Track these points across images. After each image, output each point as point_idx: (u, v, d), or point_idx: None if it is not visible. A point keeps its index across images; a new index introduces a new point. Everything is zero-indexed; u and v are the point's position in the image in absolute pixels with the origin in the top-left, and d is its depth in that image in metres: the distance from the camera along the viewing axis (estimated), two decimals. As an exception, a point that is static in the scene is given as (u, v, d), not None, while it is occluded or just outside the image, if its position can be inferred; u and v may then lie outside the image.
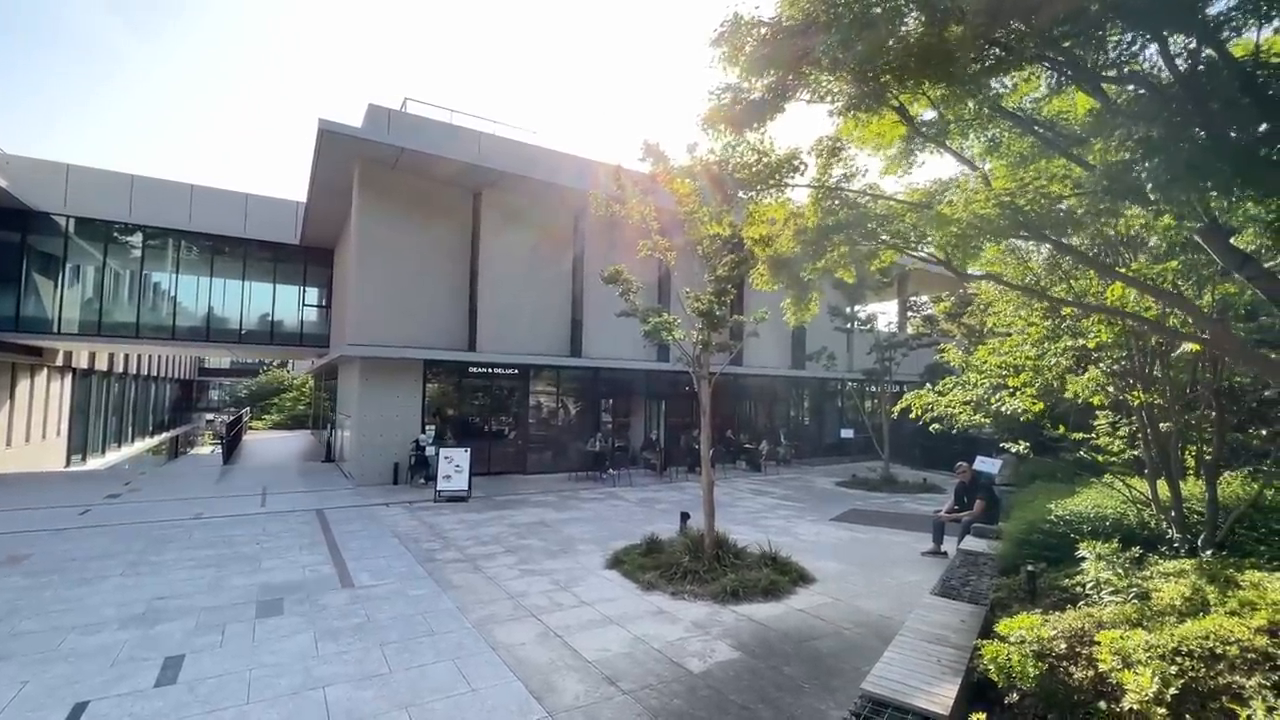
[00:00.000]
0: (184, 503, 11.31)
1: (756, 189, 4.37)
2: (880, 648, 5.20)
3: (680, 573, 6.92)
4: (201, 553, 7.85)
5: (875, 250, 4.51)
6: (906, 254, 4.60)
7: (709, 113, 3.87)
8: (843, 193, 4.41)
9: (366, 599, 6.22)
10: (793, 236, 4.66)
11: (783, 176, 4.30)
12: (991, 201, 3.13)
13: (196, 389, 49.01)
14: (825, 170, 4.46)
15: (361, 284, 13.62)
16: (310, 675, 4.52)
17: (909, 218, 4.20)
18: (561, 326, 16.42)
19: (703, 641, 5.27)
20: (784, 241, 4.77)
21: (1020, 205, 3.11)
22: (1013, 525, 6.34)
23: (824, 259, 4.53)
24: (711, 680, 4.54)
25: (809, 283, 5.23)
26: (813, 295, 5.61)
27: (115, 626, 5.38)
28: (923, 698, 3.33)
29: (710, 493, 7.64)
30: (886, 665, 3.76)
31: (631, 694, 4.32)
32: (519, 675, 4.58)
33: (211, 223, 19.19)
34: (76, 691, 4.22)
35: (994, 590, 5.34)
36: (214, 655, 4.84)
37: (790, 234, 4.70)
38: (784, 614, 6.00)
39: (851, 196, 4.41)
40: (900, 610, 6.17)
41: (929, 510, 12.09)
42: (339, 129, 12.20)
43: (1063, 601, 4.73)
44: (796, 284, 5.21)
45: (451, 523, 9.93)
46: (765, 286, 5.43)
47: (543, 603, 6.22)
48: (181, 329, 19.36)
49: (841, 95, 3.16)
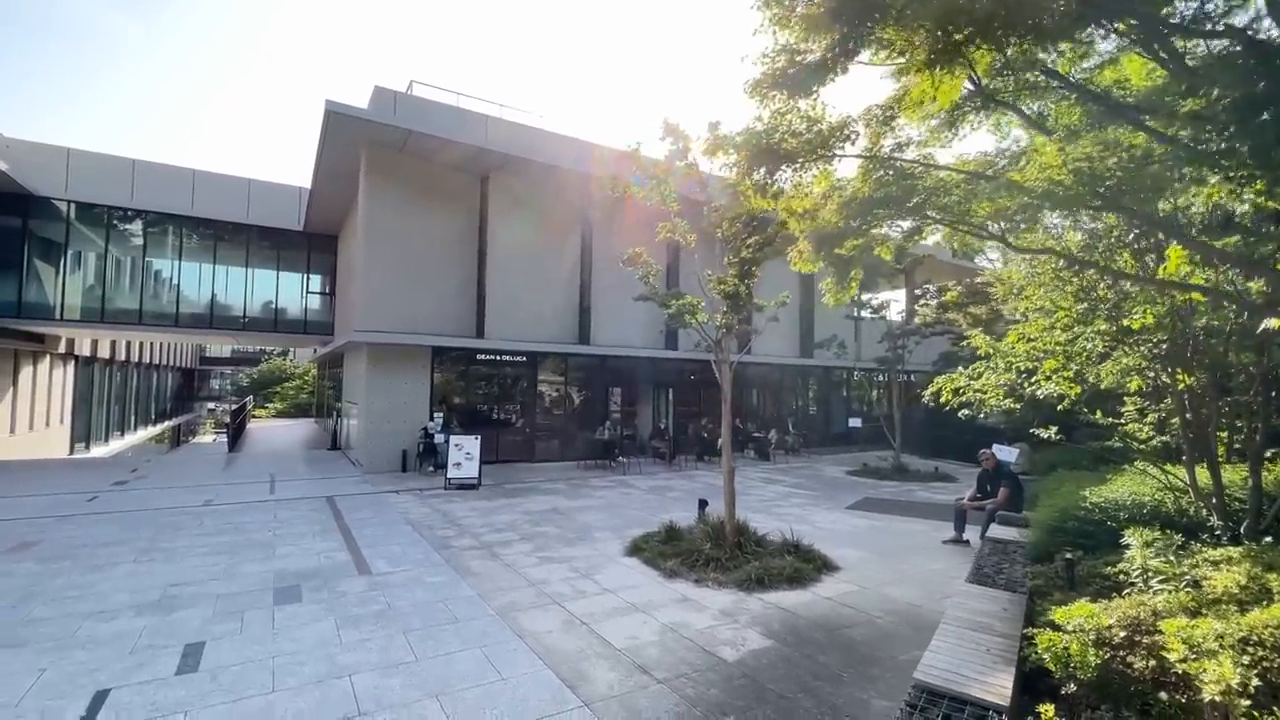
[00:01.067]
0: (192, 490, 11.20)
1: (802, 161, 4.18)
2: (914, 636, 5.12)
3: (702, 560, 6.81)
4: (214, 539, 7.74)
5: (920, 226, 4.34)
6: (955, 228, 4.44)
7: (760, 77, 3.67)
8: (896, 162, 4.23)
9: (385, 586, 6.10)
10: (837, 210, 4.49)
11: (833, 146, 4.12)
12: (1067, 168, 2.96)
13: (198, 378, 48.88)
14: (877, 140, 4.27)
15: (368, 270, 13.44)
16: (335, 663, 4.40)
17: (958, 190, 4.04)
18: (570, 314, 16.25)
19: (733, 630, 5.16)
20: (828, 214, 4.60)
21: (1099, 172, 2.94)
22: (1043, 513, 6.22)
23: (868, 234, 4.36)
24: (746, 669, 4.43)
25: (851, 259, 5.06)
26: (855, 273, 5.44)
27: (131, 613, 5.26)
28: (978, 687, 3.21)
29: (731, 480, 7.52)
30: (934, 654, 3.64)
31: (666, 683, 4.21)
32: (548, 663, 4.46)
33: (214, 208, 18.97)
34: (96, 679, 4.10)
35: (1030, 578, 5.22)
36: (234, 643, 4.73)
37: (834, 207, 4.52)
38: (812, 602, 5.89)
39: (906, 166, 4.23)
40: (929, 598, 6.07)
41: (943, 499, 12.01)
42: (346, 110, 11.97)
43: (1105, 590, 4.61)
44: (838, 261, 5.04)
45: (464, 510, 9.82)
46: (805, 266, 5.26)
47: (565, 590, 6.11)
48: (184, 316, 19.20)
49: (919, 49, 2.97)
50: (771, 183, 4.37)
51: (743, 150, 4.13)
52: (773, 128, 4.07)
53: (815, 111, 4.06)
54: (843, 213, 4.45)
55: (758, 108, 4.00)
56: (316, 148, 13.72)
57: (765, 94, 3.77)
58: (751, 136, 4.03)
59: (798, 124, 4.08)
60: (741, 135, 4.11)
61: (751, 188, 4.45)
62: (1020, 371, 5.92)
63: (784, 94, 3.73)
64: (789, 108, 4.00)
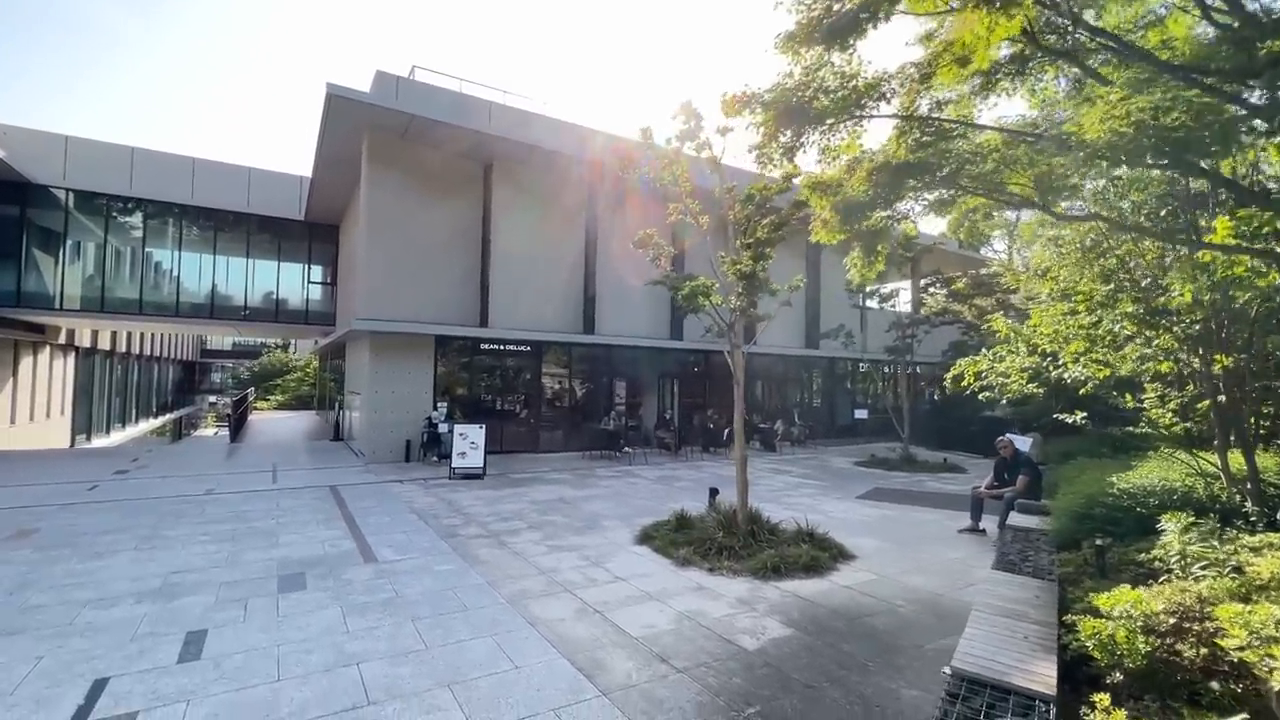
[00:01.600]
0: (194, 479, 11.06)
1: (831, 123, 3.98)
2: (938, 625, 4.97)
3: (715, 548, 6.66)
4: (216, 527, 7.59)
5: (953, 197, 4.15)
6: (993, 198, 4.24)
7: (795, 28, 3.47)
8: (936, 122, 4.02)
9: (391, 574, 5.95)
10: (865, 178, 4.30)
11: (867, 106, 3.92)
12: (1130, 119, 2.78)
13: (199, 371, 48.75)
14: (912, 99, 4.06)
15: (370, 257, 13.25)
16: (342, 651, 4.25)
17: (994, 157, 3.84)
18: (574, 303, 16.06)
19: (751, 618, 5.00)
20: (855, 183, 4.40)
21: (1165, 124, 2.75)
22: (1067, 500, 6.06)
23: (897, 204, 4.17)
24: (768, 658, 4.28)
25: (878, 232, 4.87)
26: (882, 247, 5.25)
27: (131, 601, 5.12)
28: (1020, 676, 3.05)
29: (744, 468, 7.36)
30: (970, 642, 3.48)
31: (686, 672, 4.05)
32: (563, 652, 4.31)
33: (214, 197, 18.75)
34: (95, 667, 3.95)
35: (1058, 565, 5.07)
36: (238, 630, 4.58)
37: (863, 175, 4.33)
38: (830, 590, 5.73)
39: (945, 126, 4.02)
40: (950, 587, 5.92)
41: (954, 489, 11.85)
42: (347, 93, 11.75)
43: (1140, 577, 4.45)
44: (865, 235, 4.85)
45: (469, 499, 9.68)
46: (828, 238, 5.07)
47: (576, 578, 5.96)
48: (185, 306, 19.01)
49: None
50: (799, 145, 4.17)
51: (771, 110, 3.93)
52: (804, 84, 3.86)
53: (851, 66, 3.86)
54: (871, 180, 4.25)
55: (788, 64, 3.80)
56: (318, 133, 13.50)
57: (797, 48, 3.57)
58: (781, 94, 3.82)
59: (831, 81, 3.88)
60: (771, 92, 3.91)
61: (779, 150, 4.25)
62: (1045, 355, 5.74)
63: (818, 47, 3.53)
64: (822, 63, 3.80)
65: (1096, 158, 3.01)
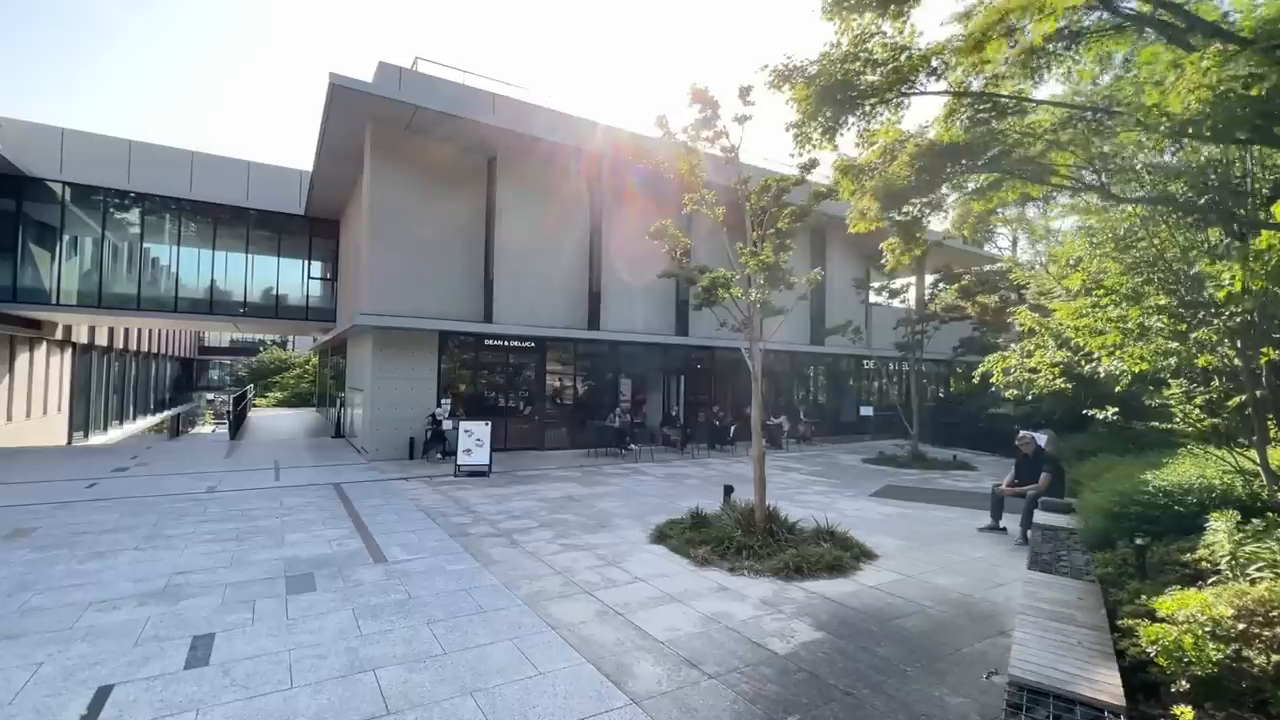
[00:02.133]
0: (195, 477, 10.85)
1: (874, 102, 3.79)
2: (972, 627, 4.80)
3: (734, 548, 6.48)
4: (219, 526, 7.40)
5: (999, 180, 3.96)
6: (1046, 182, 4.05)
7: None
8: (992, 99, 3.82)
9: (403, 574, 5.77)
10: (908, 162, 4.12)
11: (916, 81, 3.72)
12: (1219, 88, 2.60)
13: (197, 368, 48.42)
14: (967, 73, 3.85)
15: (373, 252, 13.03)
16: (357, 656, 4.06)
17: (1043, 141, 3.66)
18: (579, 299, 15.86)
19: (778, 620, 4.83)
20: (898, 168, 4.22)
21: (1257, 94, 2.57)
22: (1099, 498, 5.88)
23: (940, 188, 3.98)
24: (801, 663, 4.10)
25: (916, 219, 4.68)
26: (921, 234, 5.05)
27: (134, 603, 4.92)
28: (1086, 685, 2.88)
29: (761, 464, 7.18)
30: (1024, 648, 3.31)
31: (718, 678, 3.88)
32: (587, 656, 4.13)
33: (213, 192, 18.52)
34: (98, 674, 3.76)
35: (1096, 565, 4.90)
36: (246, 634, 4.39)
37: (905, 159, 4.15)
38: (856, 591, 5.56)
39: (1002, 104, 3.82)
40: (979, 588, 5.75)
41: (967, 487, 11.70)
42: (351, 83, 11.53)
43: (1186, 578, 4.28)
44: (904, 222, 4.65)
45: (477, 497, 9.49)
46: (864, 226, 4.88)
47: (593, 578, 5.78)
48: (183, 301, 18.79)
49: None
50: (840, 125, 3.98)
51: (814, 84, 3.72)
52: (851, 54, 3.66)
53: (904, 36, 3.66)
54: (914, 166, 4.07)
55: (835, 33, 3.60)
56: (320, 125, 13.27)
57: (847, 14, 3.38)
58: (827, 65, 3.62)
59: (880, 53, 3.68)
60: (817, 64, 3.70)
61: (818, 129, 4.05)
62: (1077, 349, 5.56)
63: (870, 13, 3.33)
64: (872, 32, 3.60)
65: (1178, 134, 2.83)
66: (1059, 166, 3.84)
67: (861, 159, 4.48)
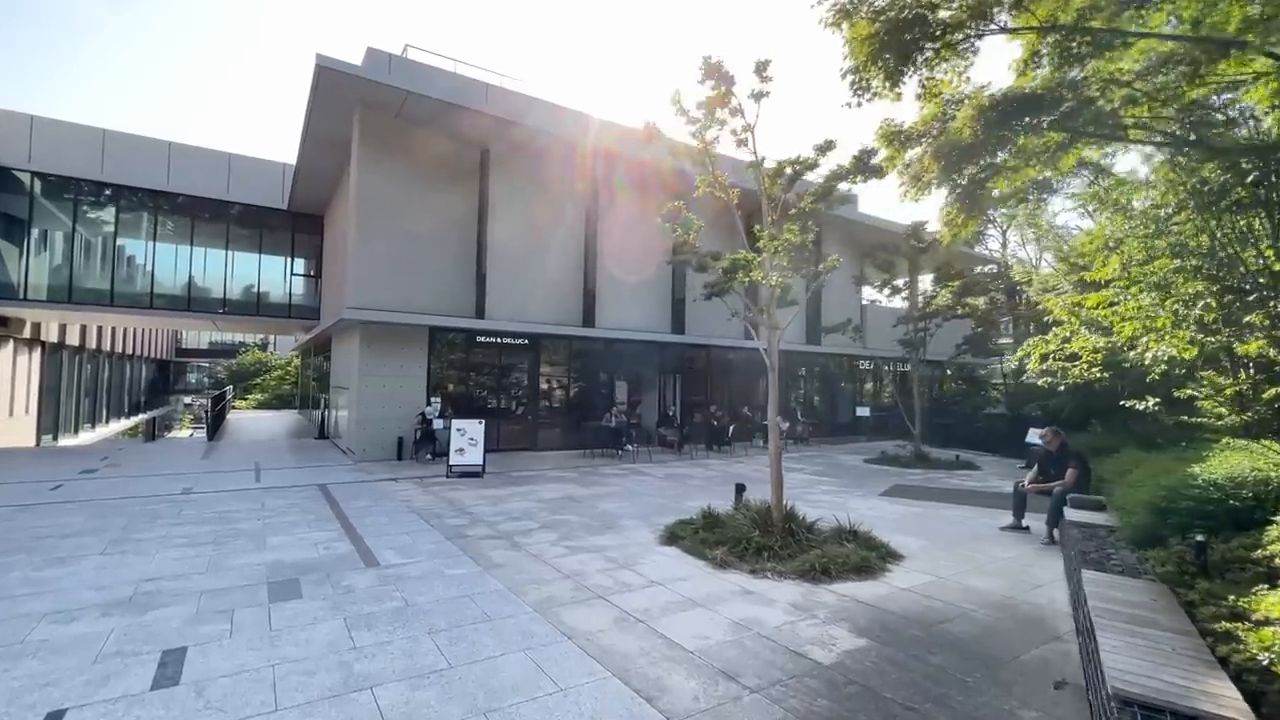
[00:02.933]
0: (169, 478, 10.22)
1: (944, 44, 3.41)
2: (1022, 632, 4.43)
3: (753, 549, 6.08)
4: (195, 529, 6.85)
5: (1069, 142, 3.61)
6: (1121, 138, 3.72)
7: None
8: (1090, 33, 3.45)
9: (398, 579, 5.28)
10: (974, 116, 3.75)
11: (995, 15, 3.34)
12: None
13: (174, 370, 47.05)
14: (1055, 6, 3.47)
15: (361, 244, 12.47)
16: (351, 672, 3.59)
17: (1119, 95, 3.32)
18: (574, 295, 15.40)
19: (814, 626, 4.42)
20: (962, 123, 3.85)
21: None
22: (1142, 492, 5.57)
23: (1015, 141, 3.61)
24: (850, 673, 3.70)
25: (979, 181, 4.32)
26: (985, 193, 4.69)
27: (97, 614, 4.40)
28: (1205, 700, 2.50)
29: (779, 462, 6.81)
30: (1115, 655, 2.93)
31: (761, 692, 3.46)
32: (611, 669, 3.69)
33: (192, 184, 17.82)
34: (50, 696, 3.25)
35: (1155, 564, 4.56)
36: (224, 648, 3.89)
37: (971, 113, 3.78)
38: (890, 594, 5.18)
39: (1103, 37, 3.45)
40: (1017, 590, 5.39)
41: (974, 486, 11.41)
42: (339, 65, 11.02)
43: (1262, 576, 3.95)
44: (965, 187, 4.29)
45: (472, 498, 8.99)
46: (916, 194, 4.51)
47: (606, 582, 5.34)
48: (160, 298, 17.99)
49: None
50: (903, 70, 3.60)
51: (879, 21, 3.34)
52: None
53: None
54: (983, 119, 3.71)
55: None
56: (305, 112, 12.72)
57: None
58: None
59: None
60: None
61: (879, 73, 3.67)
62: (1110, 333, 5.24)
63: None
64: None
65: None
66: (1141, 117, 3.51)
67: (922, 114, 4.11)
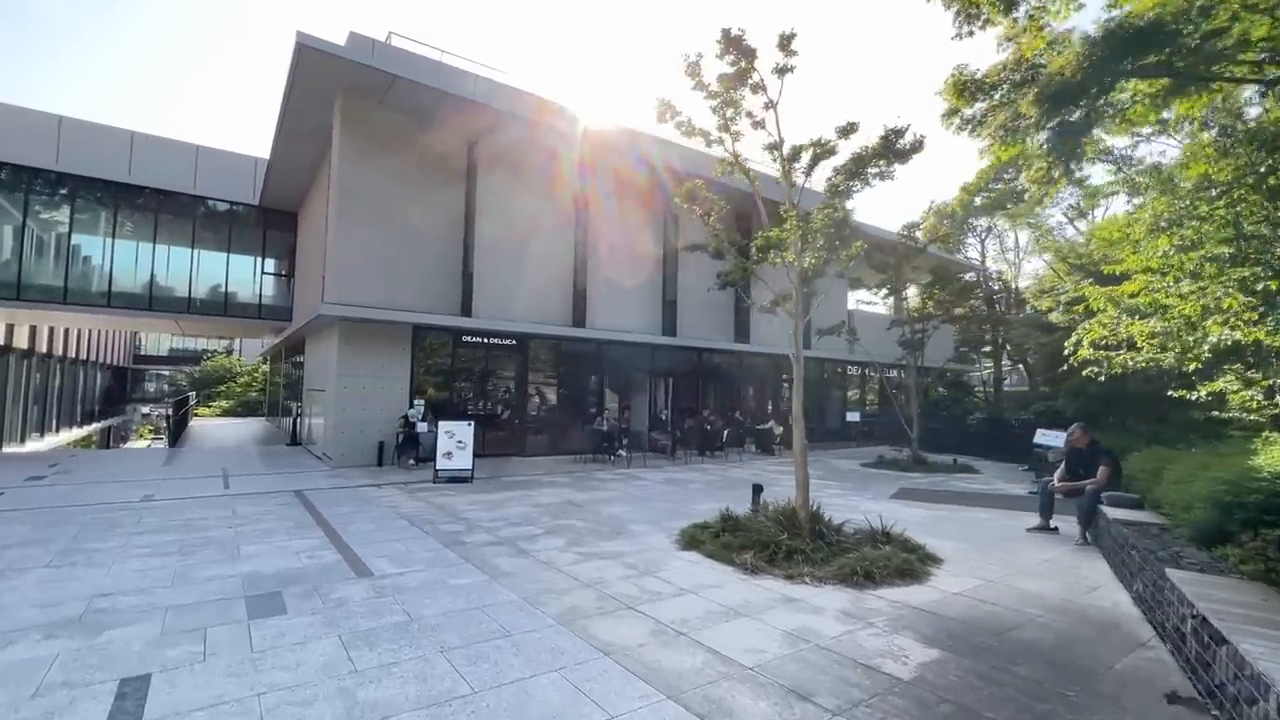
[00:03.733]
0: (127, 485, 9.35)
1: None
2: (1103, 638, 4.02)
3: (783, 552, 5.61)
4: (157, 538, 6.10)
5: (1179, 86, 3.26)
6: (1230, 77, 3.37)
7: None
8: None
9: (396, 590, 4.67)
10: (1081, 52, 3.38)
11: None
12: None
13: (131, 377, 44.84)
14: None
15: (341, 236, 11.77)
16: (355, 700, 2.99)
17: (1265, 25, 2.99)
18: (563, 295, 14.86)
19: (877, 637, 3.95)
20: (1067, 59, 3.47)
21: None
22: (1200, 487, 5.25)
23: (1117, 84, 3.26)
24: (936, 689, 3.23)
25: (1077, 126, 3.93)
26: (1089, 141, 4.32)
27: (39, 635, 3.71)
28: None
29: (804, 460, 6.37)
30: (1271, 664, 2.52)
31: (844, 713, 2.97)
32: (664, 690, 3.16)
33: (156, 177, 16.85)
34: (-26, 741, 2.60)
35: (1237, 561, 4.22)
36: (196, 674, 3.26)
37: (1078, 49, 3.41)
38: (943, 600, 4.74)
39: None
40: (1074, 592, 5.02)
41: (980, 488, 11.15)
42: (321, 45, 10.38)
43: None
44: (1062, 132, 3.90)
45: (464, 503, 8.36)
46: (1009, 151, 4.11)
47: (631, 591, 4.80)
48: (118, 296, 16.88)
49: None
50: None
51: None
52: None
53: None
54: (1092, 56, 3.34)
55: None
56: (281, 99, 12.02)
57: None
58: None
59: None
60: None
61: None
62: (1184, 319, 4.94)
63: None
64: None
65: None
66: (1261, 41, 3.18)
67: (1023, 47, 3.74)
